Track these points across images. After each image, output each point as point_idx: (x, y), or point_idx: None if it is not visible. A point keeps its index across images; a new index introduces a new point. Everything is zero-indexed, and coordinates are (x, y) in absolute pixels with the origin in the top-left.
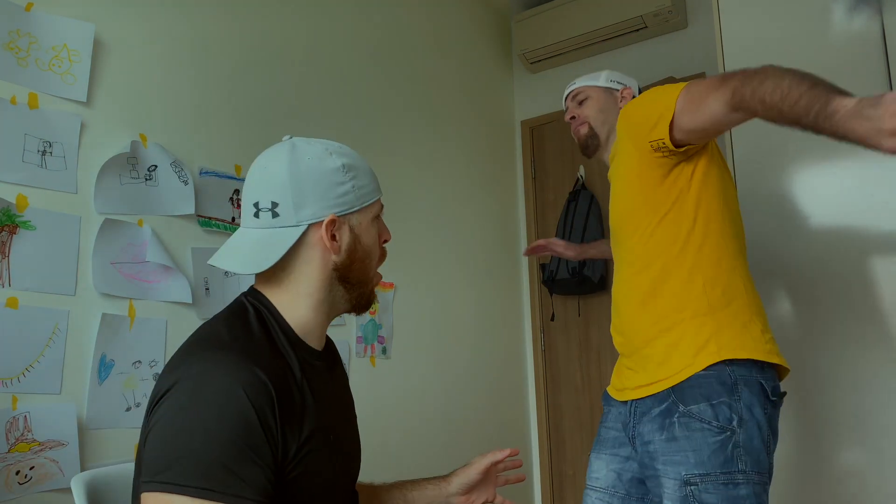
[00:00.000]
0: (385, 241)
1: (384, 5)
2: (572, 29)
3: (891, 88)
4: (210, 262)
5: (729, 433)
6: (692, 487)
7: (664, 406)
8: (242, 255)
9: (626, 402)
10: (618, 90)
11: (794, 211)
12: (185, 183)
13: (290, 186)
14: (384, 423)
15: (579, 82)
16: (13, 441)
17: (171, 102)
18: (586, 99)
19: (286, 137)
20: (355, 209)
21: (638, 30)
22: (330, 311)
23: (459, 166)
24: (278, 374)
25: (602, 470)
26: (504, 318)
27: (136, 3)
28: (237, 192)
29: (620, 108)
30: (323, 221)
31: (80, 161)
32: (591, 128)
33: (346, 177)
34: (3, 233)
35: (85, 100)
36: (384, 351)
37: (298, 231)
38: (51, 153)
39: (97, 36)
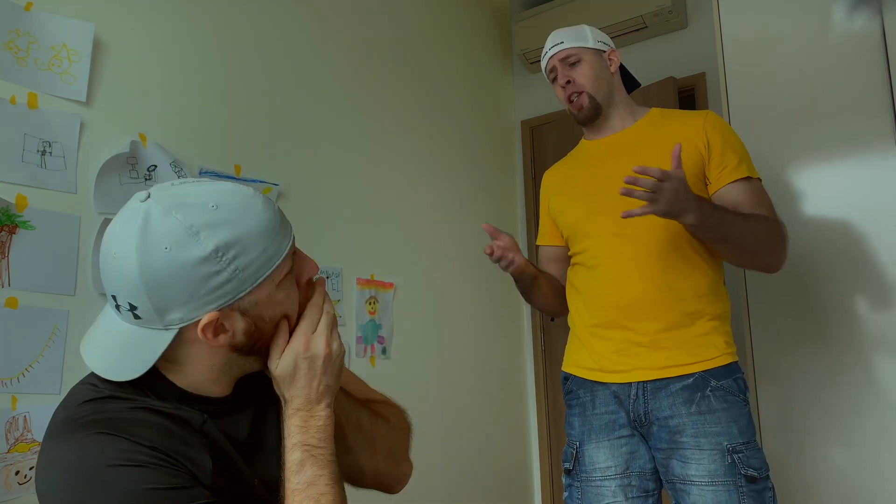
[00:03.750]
0: (310, 277)
1: (384, 6)
2: None
3: (891, 88)
4: (81, 352)
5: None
6: (738, 455)
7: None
8: (110, 357)
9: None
10: (605, 52)
11: (792, 211)
12: None
13: (145, 290)
14: None
15: (568, 41)
16: (13, 441)
17: (170, 102)
18: (579, 62)
19: (142, 198)
20: (243, 293)
21: (638, 30)
22: (238, 374)
23: (459, 166)
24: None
25: (610, 459)
26: (504, 317)
27: (136, 3)
28: None
29: (613, 71)
30: (199, 321)
31: (80, 161)
32: (591, 98)
33: (221, 263)
34: (3, 233)
35: (84, 100)
36: (384, 351)
37: (168, 335)
38: (50, 153)
39: (97, 36)
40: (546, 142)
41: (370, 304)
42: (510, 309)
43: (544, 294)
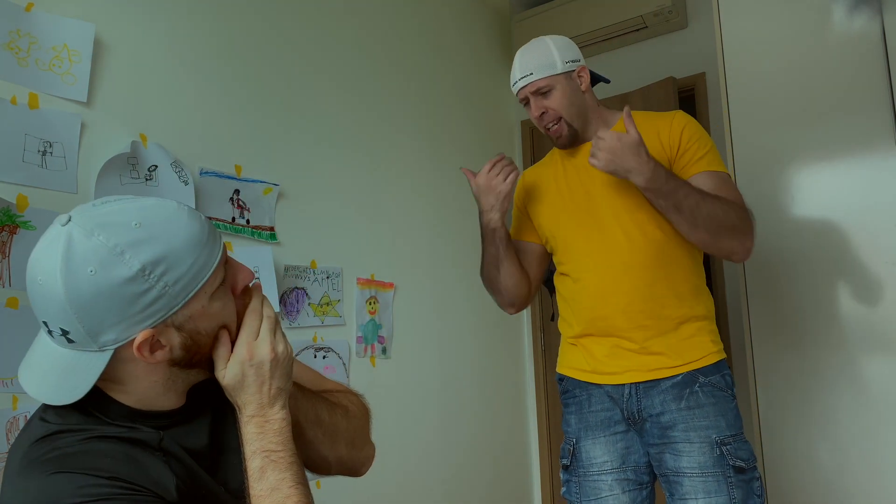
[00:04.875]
0: (245, 284)
1: (384, 6)
2: (572, 29)
3: (891, 88)
4: (19, 379)
5: None
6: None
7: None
8: (48, 382)
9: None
10: (574, 70)
11: (792, 211)
12: (186, 183)
13: (74, 315)
14: (384, 422)
15: (537, 72)
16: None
17: (171, 102)
18: (551, 90)
19: (63, 221)
20: (176, 308)
21: (638, 30)
22: (184, 387)
23: (459, 166)
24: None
25: (606, 454)
26: (504, 317)
27: (136, 3)
28: (237, 192)
29: (584, 89)
30: (134, 340)
31: (81, 161)
32: (568, 125)
33: (150, 281)
34: (4, 233)
35: (85, 100)
36: (384, 351)
37: (104, 357)
38: (51, 153)
39: (97, 36)
40: (546, 142)
41: (370, 304)
42: None
43: (512, 268)
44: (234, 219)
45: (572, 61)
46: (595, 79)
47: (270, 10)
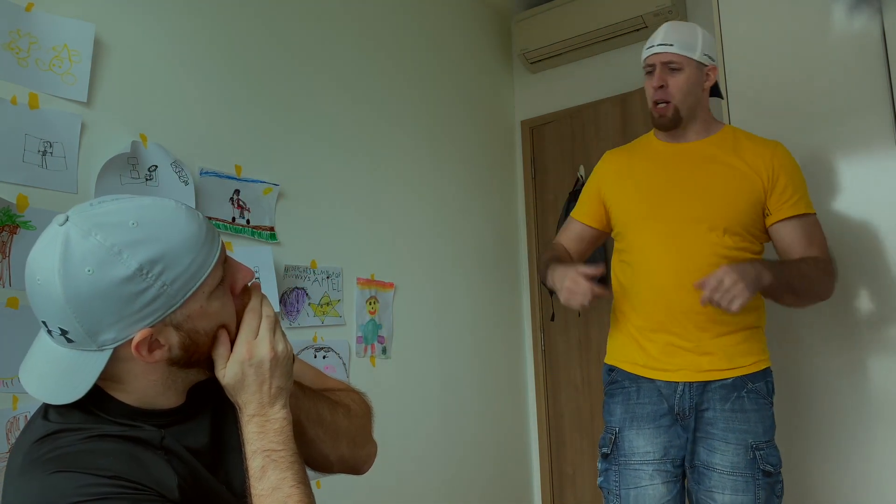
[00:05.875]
0: (245, 283)
1: (384, 6)
2: (572, 29)
3: (891, 88)
4: (20, 379)
5: None
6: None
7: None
8: (48, 382)
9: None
10: (707, 66)
11: None
12: (186, 183)
13: (73, 314)
14: (383, 422)
15: (677, 46)
16: (13, 441)
17: (171, 102)
18: (679, 70)
19: (61, 221)
20: (174, 308)
21: (638, 30)
22: (183, 387)
23: (459, 166)
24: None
25: (649, 445)
26: (504, 318)
27: (136, 3)
28: (237, 192)
29: (705, 88)
30: (132, 340)
31: (81, 161)
32: (676, 110)
33: (148, 280)
34: (4, 233)
35: (85, 100)
36: (384, 351)
37: (104, 356)
38: (51, 153)
39: (97, 36)
40: (546, 142)
41: (370, 303)
42: (510, 309)
43: None
44: (234, 219)
45: (710, 57)
46: (713, 90)
47: (270, 10)
